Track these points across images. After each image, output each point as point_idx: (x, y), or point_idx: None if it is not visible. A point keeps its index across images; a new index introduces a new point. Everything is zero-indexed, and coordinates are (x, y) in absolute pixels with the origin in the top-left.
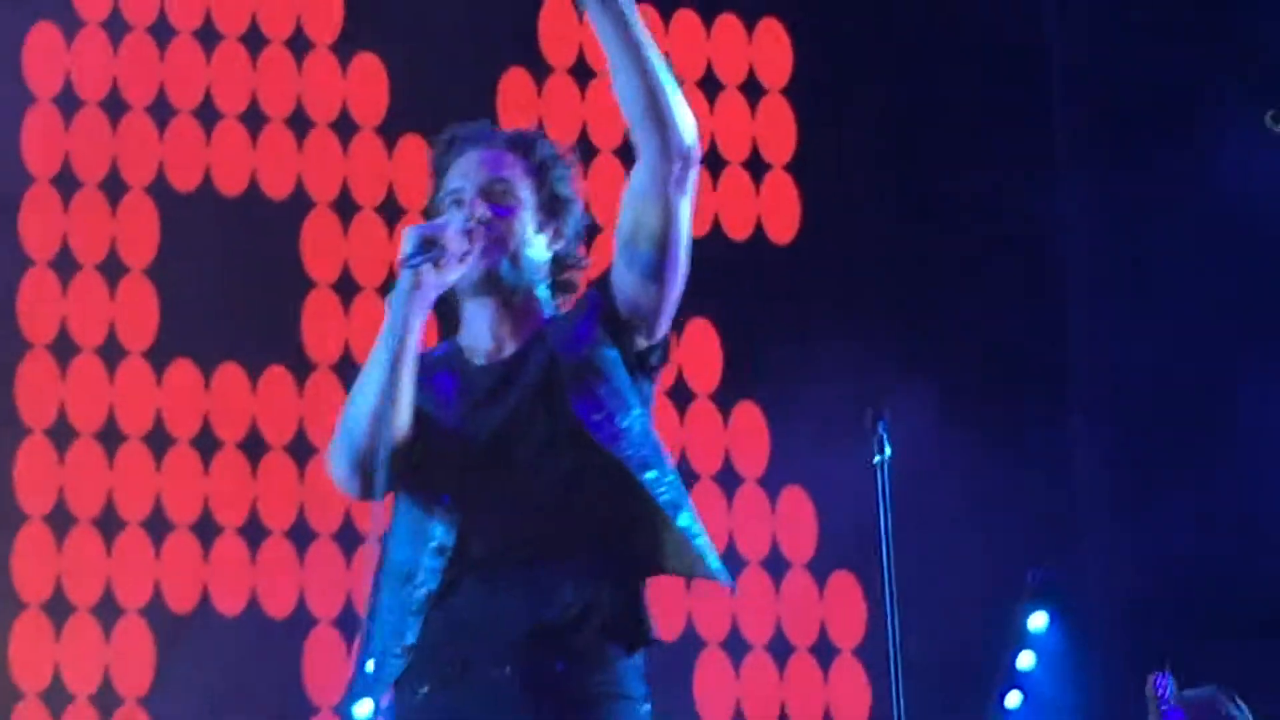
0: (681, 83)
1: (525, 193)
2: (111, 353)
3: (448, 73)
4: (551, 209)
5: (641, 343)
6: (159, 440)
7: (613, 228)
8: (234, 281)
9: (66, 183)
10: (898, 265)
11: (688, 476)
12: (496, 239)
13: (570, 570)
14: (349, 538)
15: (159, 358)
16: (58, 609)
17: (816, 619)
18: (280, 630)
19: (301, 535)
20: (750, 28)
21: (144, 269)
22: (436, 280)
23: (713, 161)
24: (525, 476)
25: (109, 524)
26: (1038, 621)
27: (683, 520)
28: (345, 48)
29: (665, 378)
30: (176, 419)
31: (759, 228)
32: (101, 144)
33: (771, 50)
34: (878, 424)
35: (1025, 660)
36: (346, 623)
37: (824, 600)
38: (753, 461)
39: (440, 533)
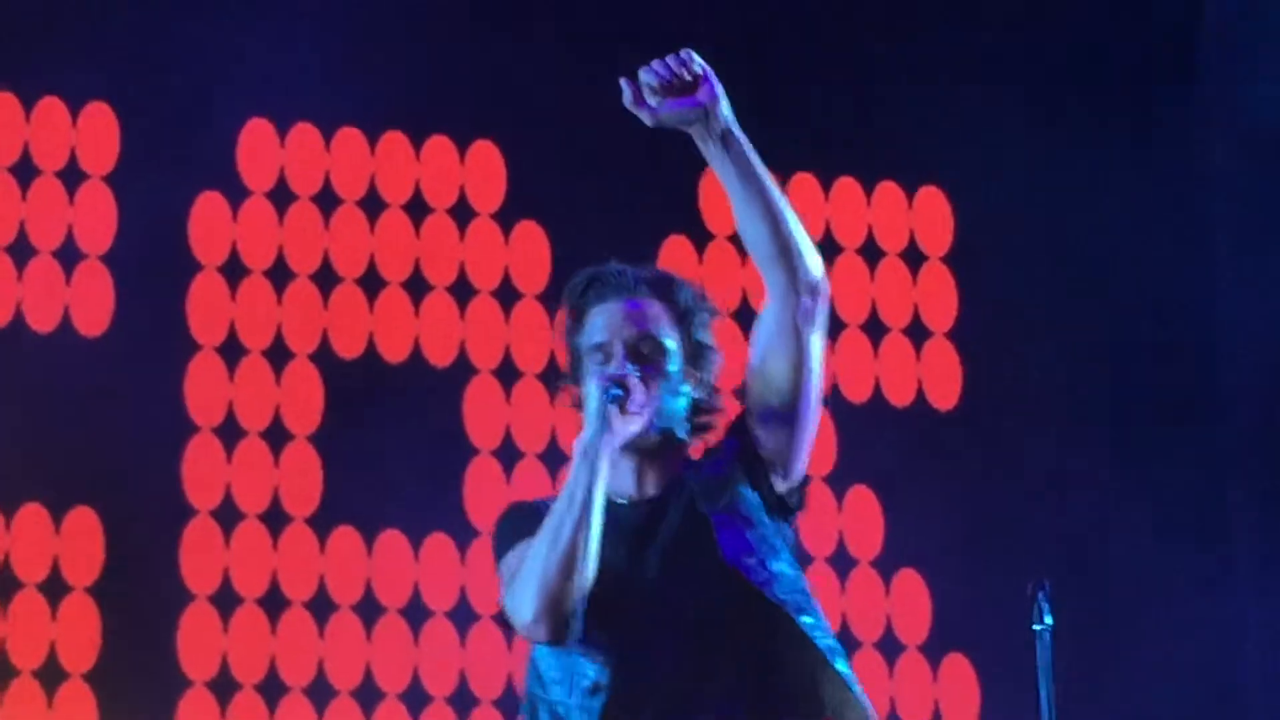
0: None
1: (670, 343)
2: (275, 520)
3: (608, 240)
4: (694, 357)
5: (780, 485)
6: (321, 606)
7: None
8: (397, 448)
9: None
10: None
11: (849, 642)
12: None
13: (720, 712)
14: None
15: (321, 525)
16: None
17: None
18: None
19: (460, 701)
20: (910, 195)
21: (307, 436)
22: (621, 427)
23: (873, 328)
24: (681, 617)
25: (270, 689)
26: None
27: (841, 665)
28: (508, 216)
29: (826, 544)
30: (338, 587)
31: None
32: (266, 311)
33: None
34: (1039, 592)
35: None
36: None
37: None
38: (914, 629)
39: (594, 672)
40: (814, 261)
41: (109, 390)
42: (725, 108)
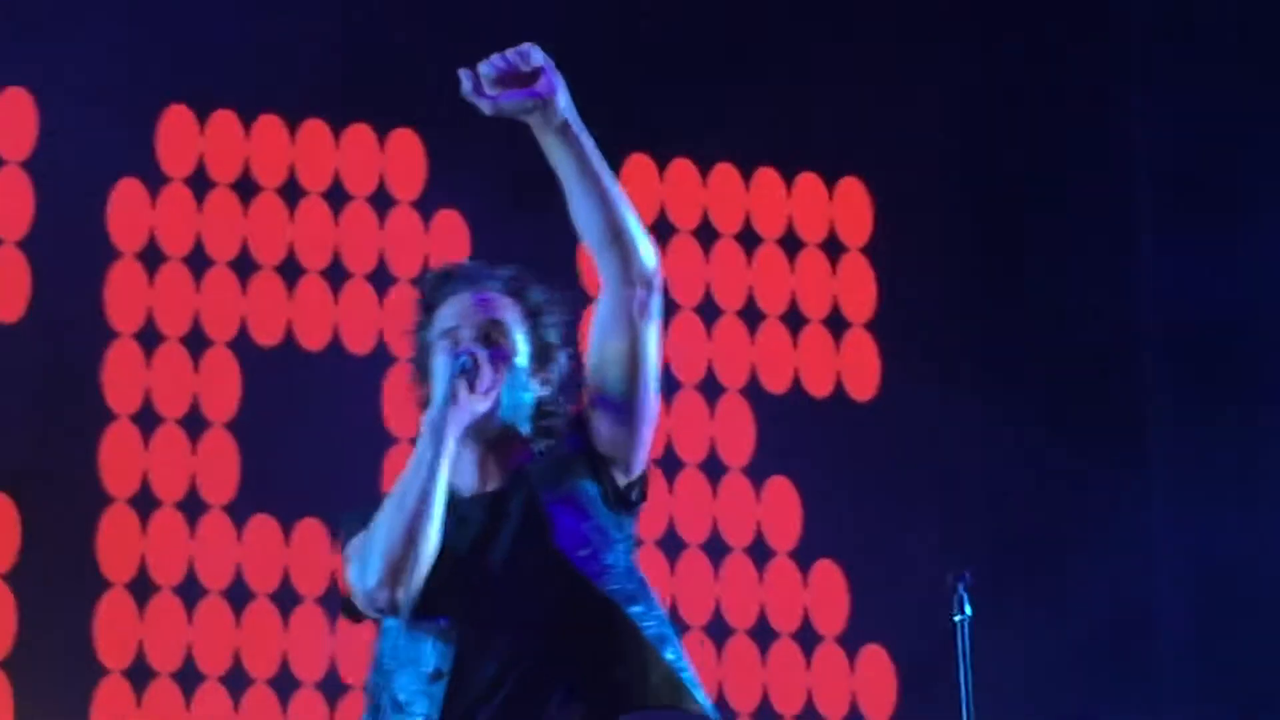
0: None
1: (519, 335)
2: (192, 507)
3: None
4: (542, 356)
5: (620, 478)
6: (238, 595)
7: None
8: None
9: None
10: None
11: (766, 634)
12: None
13: (557, 701)
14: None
15: (240, 512)
16: None
17: None
18: None
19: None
20: (831, 187)
21: (225, 423)
22: (469, 405)
23: (793, 318)
24: (519, 608)
25: (188, 678)
26: None
27: (669, 654)
28: (427, 204)
29: (744, 533)
30: (255, 575)
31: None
32: (185, 298)
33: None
34: (959, 584)
35: None
36: None
37: None
38: (832, 620)
39: (435, 659)
40: (647, 253)
41: (25, 376)
42: (564, 99)
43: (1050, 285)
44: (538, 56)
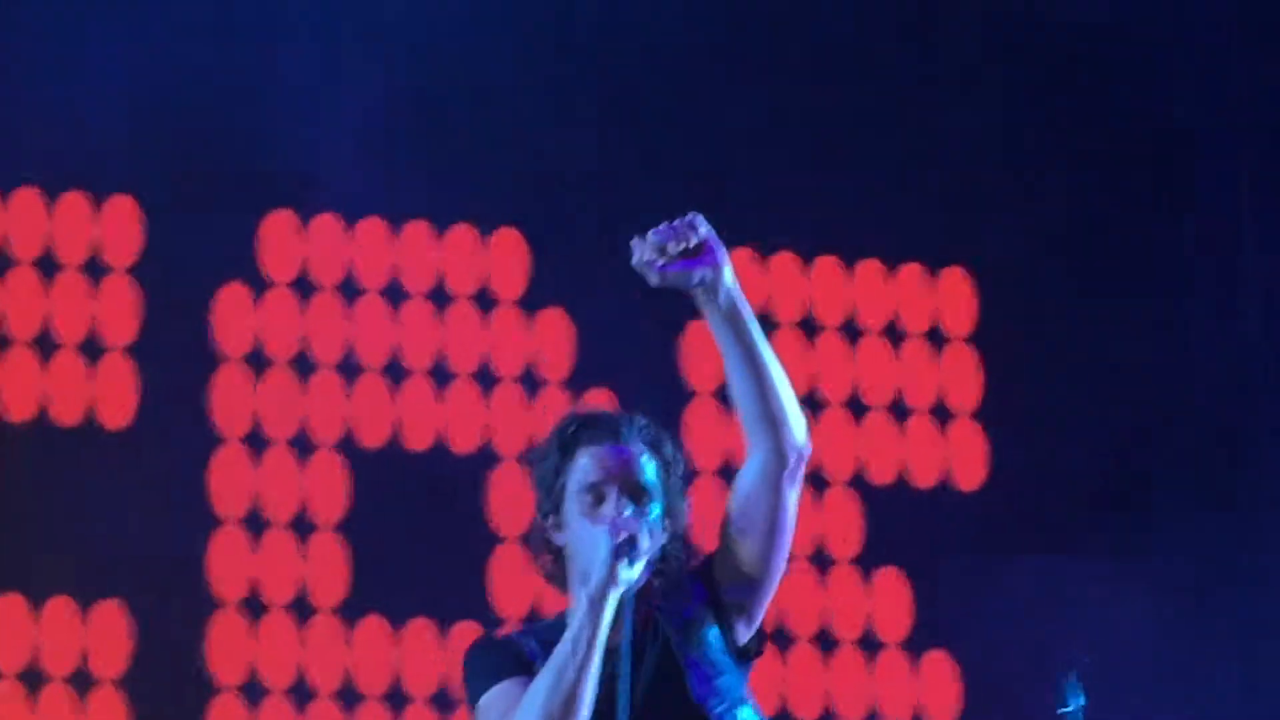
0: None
1: (657, 490)
2: (302, 610)
3: (632, 328)
4: (671, 507)
5: (742, 632)
6: (349, 697)
7: None
8: (423, 537)
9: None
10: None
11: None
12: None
13: None
14: None
15: (350, 614)
16: None
17: None
18: None
19: None
20: (934, 275)
21: (333, 526)
22: (626, 578)
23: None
24: None
25: None
26: None
27: None
28: (530, 304)
29: (856, 627)
30: (366, 677)
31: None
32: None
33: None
34: (1072, 676)
35: None
36: None
37: None
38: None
39: None
40: (800, 428)
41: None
42: (729, 275)
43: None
44: (703, 228)
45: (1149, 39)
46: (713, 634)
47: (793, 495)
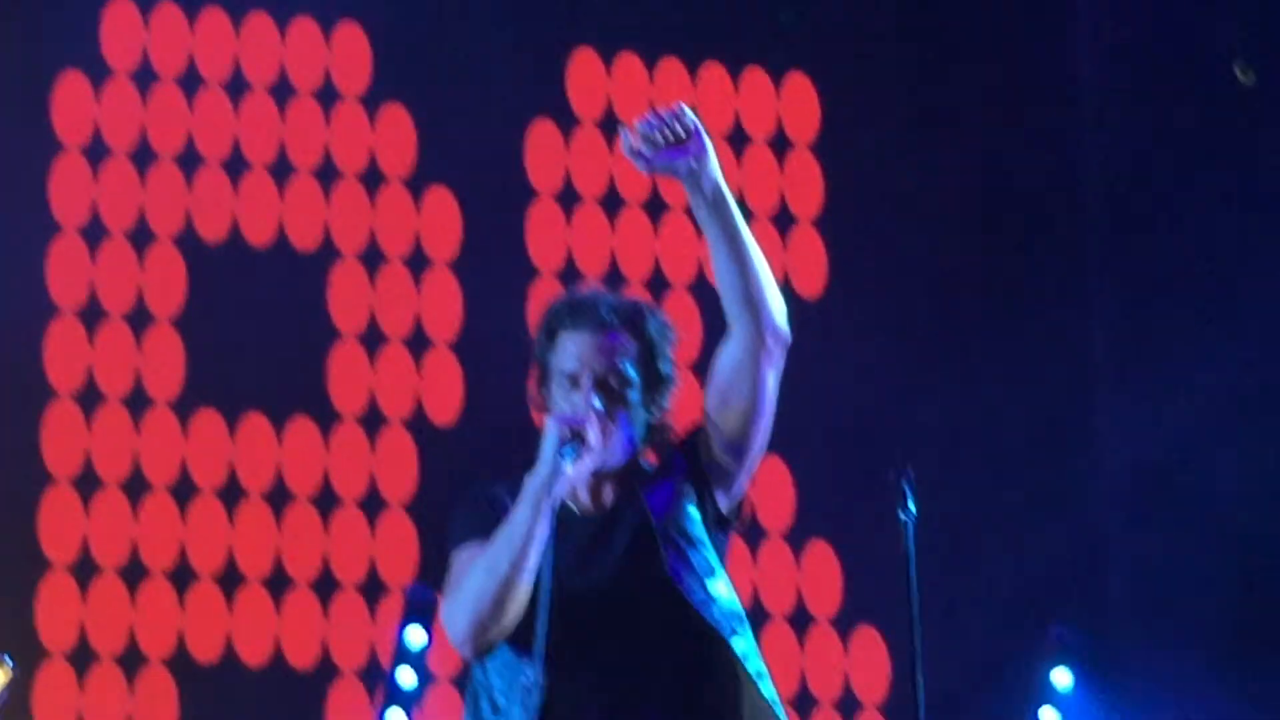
0: (710, 137)
1: (635, 375)
2: (138, 403)
3: (475, 124)
4: (655, 385)
5: (723, 502)
6: (184, 490)
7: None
8: (260, 332)
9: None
10: (923, 319)
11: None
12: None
13: (650, 718)
14: (373, 589)
15: (185, 408)
16: (81, 659)
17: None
18: (304, 682)
19: (326, 586)
20: (778, 82)
21: (171, 319)
22: (573, 472)
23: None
24: (621, 628)
25: (133, 573)
26: (1061, 679)
27: (767, 690)
28: (373, 99)
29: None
30: (201, 469)
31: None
32: (130, 194)
33: (800, 105)
34: (901, 481)
35: (1048, 717)
36: (369, 675)
37: (849, 655)
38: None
39: (533, 672)
40: (782, 315)
41: None
42: (714, 163)
43: None
44: (690, 118)
45: None
46: (691, 506)
47: (772, 376)
